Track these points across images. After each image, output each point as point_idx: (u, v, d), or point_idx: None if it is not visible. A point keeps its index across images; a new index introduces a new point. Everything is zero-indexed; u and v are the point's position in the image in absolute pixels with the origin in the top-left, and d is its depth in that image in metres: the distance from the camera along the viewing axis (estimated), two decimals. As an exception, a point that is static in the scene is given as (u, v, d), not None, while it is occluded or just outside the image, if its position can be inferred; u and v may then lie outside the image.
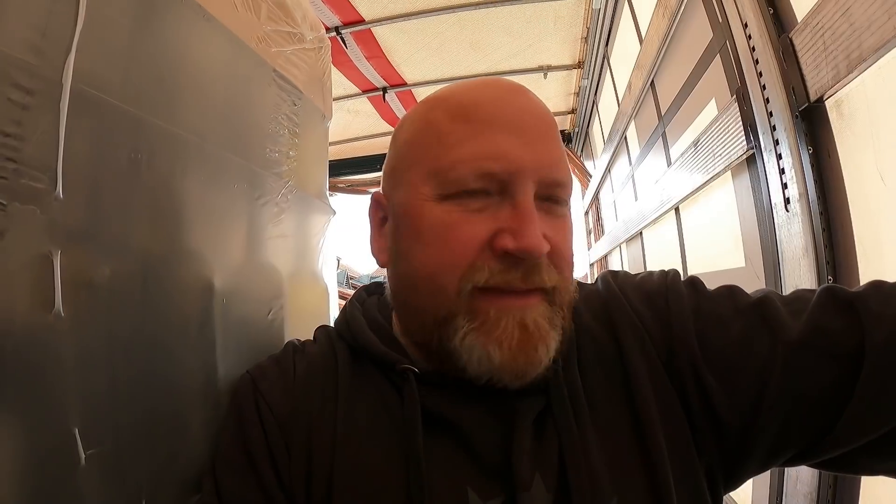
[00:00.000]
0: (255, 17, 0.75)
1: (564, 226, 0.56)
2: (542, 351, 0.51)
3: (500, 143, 0.52)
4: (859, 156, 0.92)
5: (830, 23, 0.88)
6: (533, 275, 0.51)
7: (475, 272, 0.51)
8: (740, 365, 0.54)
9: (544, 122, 0.56)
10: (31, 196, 0.41)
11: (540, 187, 0.53)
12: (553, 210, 0.55)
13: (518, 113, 0.54)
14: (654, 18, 1.91)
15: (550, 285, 0.53)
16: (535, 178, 0.52)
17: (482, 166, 0.52)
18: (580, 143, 4.40)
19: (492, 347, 0.51)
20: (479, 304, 0.51)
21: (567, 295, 0.56)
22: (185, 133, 0.60)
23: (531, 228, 0.50)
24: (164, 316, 0.56)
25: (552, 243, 0.52)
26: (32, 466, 0.41)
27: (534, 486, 0.51)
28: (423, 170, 0.55)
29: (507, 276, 0.51)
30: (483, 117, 0.54)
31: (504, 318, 0.51)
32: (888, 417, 0.48)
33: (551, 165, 0.53)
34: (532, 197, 0.52)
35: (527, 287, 0.51)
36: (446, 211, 0.53)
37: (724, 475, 0.56)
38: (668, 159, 2.02)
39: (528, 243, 0.49)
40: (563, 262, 0.55)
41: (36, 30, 0.42)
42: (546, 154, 0.53)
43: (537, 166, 0.52)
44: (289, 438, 0.56)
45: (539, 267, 0.52)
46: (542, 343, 0.51)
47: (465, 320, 0.52)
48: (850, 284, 0.54)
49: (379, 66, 3.09)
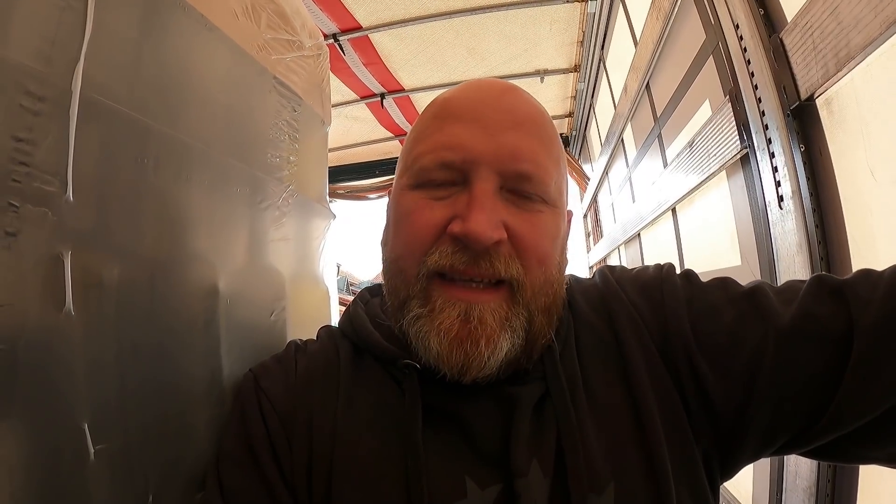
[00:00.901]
0: (256, 25, 0.77)
1: (535, 219, 0.55)
2: (484, 348, 0.51)
3: (458, 134, 0.54)
4: (850, 152, 0.93)
5: (819, 22, 0.89)
6: (482, 261, 0.51)
7: (429, 255, 0.53)
8: (733, 352, 0.55)
9: (512, 112, 0.56)
10: (43, 199, 0.42)
11: (504, 179, 0.54)
12: (522, 203, 0.55)
13: (485, 107, 0.56)
14: (648, 21, 1.92)
15: (507, 276, 0.52)
16: (494, 167, 0.53)
17: (440, 156, 0.54)
18: (578, 147, 4.41)
19: (432, 336, 0.52)
20: (431, 290, 0.53)
21: (540, 297, 0.55)
22: (189, 139, 0.61)
23: (478, 214, 0.51)
24: (171, 316, 0.58)
25: (515, 233, 0.53)
26: (44, 460, 0.42)
27: (531, 472, 0.52)
28: (404, 163, 0.59)
29: (455, 258, 0.52)
30: (451, 112, 0.56)
31: (448, 308, 0.52)
32: (879, 400, 0.49)
33: (514, 156, 0.54)
34: (490, 185, 0.53)
35: (476, 272, 0.52)
36: (414, 199, 0.56)
37: (719, 462, 0.57)
38: (664, 161, 2.03)
39: (471, 227, 0.50)
40: (528, 255, 0.54)
41: (46, 39, 0.44)
42: (509, 145, 0.54)
43: (496, 156, 0.53)
44: (290, 433, 0.57)
45: (491, 254, 0.52)
46: (486, 341, 0.51)
47: (417, 305, 0.54)
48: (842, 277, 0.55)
49: (377, 73, 3.10)
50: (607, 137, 3.03)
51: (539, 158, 0.55)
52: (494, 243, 0.51)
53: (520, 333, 0.53)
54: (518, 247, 0.53)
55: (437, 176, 0.55)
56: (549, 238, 0.56)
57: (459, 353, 0.51)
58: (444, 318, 0.52)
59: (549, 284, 0.56)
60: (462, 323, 0.51)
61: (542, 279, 0.55)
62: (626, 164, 2.75)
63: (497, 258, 0.52)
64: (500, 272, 0.52)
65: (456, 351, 0.51)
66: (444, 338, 0.51)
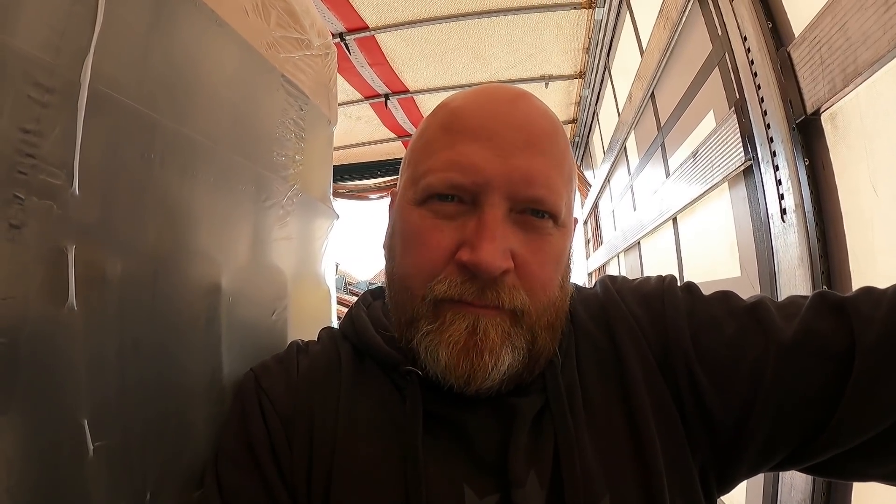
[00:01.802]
0: (265, 22, 0.77)
1: (543, 245, 0.54)
2: (488, 360, 0.51)
3: (470, 155, 0.52)
4: (853, 167, 0.93)
5: (827, 37, 0.89)
6: (488, 291, 0.51)
7: (438, 283, 0.52)
8: (733, 366, 0.55)
9: (528, 135, 0.54)
10: (49, 191, 0.42)
11: (516, 198, 0.52)
12: (532, 225, 0.54)
13: (498, 123, 0.54)
14: (655, 30, 1.92)
15: (511, 307, 0.52)
16: (505, 192, 0.52)
17: (449, 177, 0.53)
18: (580, 153, 4.42)
19: (441, 348, 0.52)
20: (440, 309, 0.53)
21: (544, 317, 0.54)
22: (196, 135, 0.61)
23: (487, 244, 0.50)
24: (173, 313, 0.57)
25: (521, 262, 0.52)
26: (42, 456, 0.41)
27: (528, 482, 0.52)
28: (410, 174, 0.58)
29: (463, 287, 0.51)
30: (462, 127, 0.54)
31: (457, 321, 0.52)
32: (878, 419, 0.49)
33: (527, 180, 0.52)
34: (500, 212, 0.52)
35: (482, 303, 0.51)
36: (421, 216, 0.54)
37: (716, 476, 0.57)
38: (666, 170, 2.03)
39: (479, 258, 0.49)
40: (534, 283, 0.53)
41: (56, 31, 0.43)
42: (521, 167, 0.52)
43: (508, 181, 0.52)
44: (291, 434, 0.57)
45: (496, 284, 0.51)
46: (490, 353, 0.51)
47: (426, 323, 0.53)
48: (843, 293, 0.55)
49: (382, 73, 3.10)
50: (610, 145, 3.04)
51: (552, 182, 0.54)
52: (501, 273, 0.51)
53: (522, 351, 0.53)
54: (523, 274, 0.53)
55: (445, 194, 0.54)
56: (555, 262, 0.56)
57: (466, 363, 0.51)
58: (454, 331, 0.52)
59: (553, 304, 0.55)
60: (469, 335, 0.51)
61: (545, 302, 0.54)
62: (629, 172, 2.76)
63: (503, 289, 0.51)
64: (505, 303, 0.52)
65: (463, 361, 0.51)
66: (453, 349, 0.51)
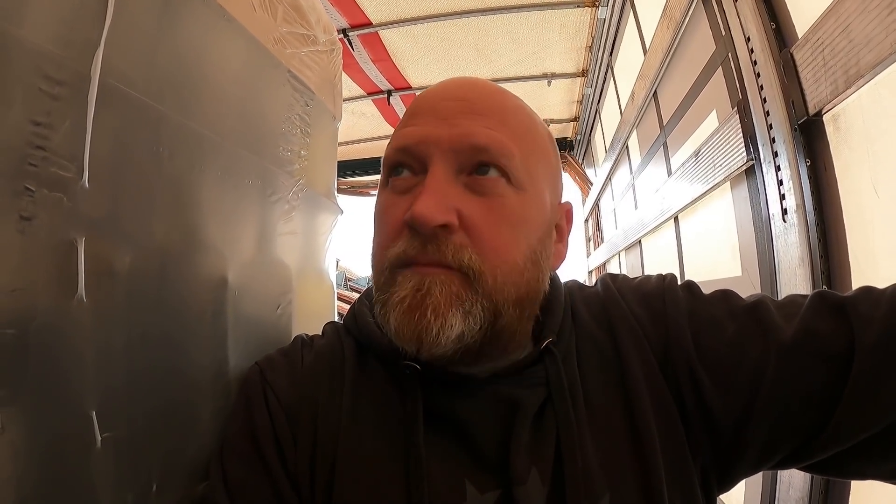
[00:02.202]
0: (272, 18, 0.77)
1: (494, 205, 0.53)
2: (432, 320, 0.49)
3: (416, 125, 0.55)
4: (854, 169, 0.94)
5: (830, 39, 0.90)
6: (429, 245, 0.50)
7: (392, 248, 0.53)
8: (734, 366, 0.55)
9: (471, 101, 0.55)
10: (59, 184, 0.42)
11: (460, 159, 0.53)
12: (480, 185, 0.53)
13: (444, 96, 0.56)
14: (658, 29, 1.92)
15: (457, 264, 0.50)
16: (448, 148, 0.52)
17: (398, 143, 0.55)
18: (582, 151, 4.42)
19: (391, 312, 0.52)
20: (394, 276, 0.53)
21: (508, 287, 0.53)
22: (204, 129, 0.62)
23: (425, 198, 0.50)
24: (180, 306, 0.58)
25: (468, 221, 0.51)
26: (50, 446, 0.42)
27: (530, 480, 0.52)
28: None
29: (408, 245, 0.51)
30: (415, 107, 0.58)
31: (405, 283, 0.51)
32: (878, 417, 0.49)
33: (467, 135, 0.53)
34: (442, 170, 0.52)
35: (426, 259, 0.51)
36: (384, 197, 0.57)
37: (717, 475, 0.57)
38: (668, 169, 2.03)
39: (414, 209, 0.49)
40: (484, 245, 0.51)
41: (66, 24, 0.43)
42: (462, 126, 0.53)
43: (449, 137, 0.53)
44: (295, 427, 0.57)
45: (438, 239, 0.50)
46: (434, 313, 0.50)
47: (382, 293, 0.54)
48: (843, 293, 0.55)
49: (385, 69, 3.10)
50: (612, 143, 3.04)
51: (495, 137, 0.53)
52: (442, 228, 0.50)
53: (477, 319, 0.51)
54: (472, 236, 0.51)
55: (398, 163, 0.55)
56: (511, 224, 0.54)
57: (411, 324, 0.50)
58: (401, 291, 0.51)
59: (518, 274, 0.54)
60: (414, 293, 0.50)
61: (506, 269, 0.52)
62: (630, 171, 2.76)
63: (445, 244, 0.50)
64: (448, 258, 0.50)
65: (408, 322, 0.50)
66: (399, 310, 0.51)
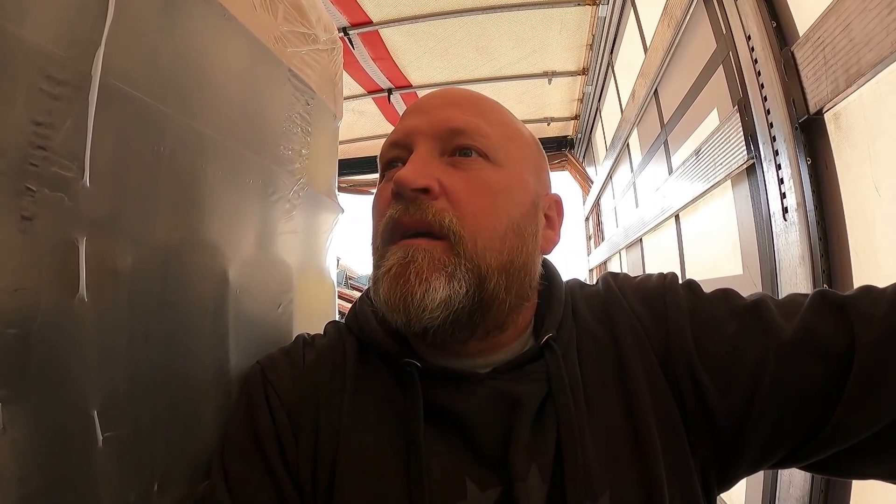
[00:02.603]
0: (273, 17, 0.77)
1: (473, 176, 0.57)
2: (416, 286, 0.52)
3: (403, 122, 0.62)
4: (855, 167, 0.94)
5: (831, 38, 0.90)
6: (412, 207, 0.54)
7: (382, 221, 0.57)
8: (734, 365, 0.55)
9: (451, 99, 0.62)
10: (60, 183, 0.42)
11: (442, 142, 0.58)
12: (462, 163, 0.57)
13: (429, 98, 0.63)
14: (658, 28, 1.92)
15: (439, 225, 0.54)
16: (430, 133, 0.58)
17: (389, 140, 0.62)
18: (583, 149, 4.42)
19: (381, 284, 0.55)
20: (385, 252, 0.56)
21: (491, 252, 0.55)
22: (205, 129, 0.62)
23: (406, 167, 0.55)
24: (182, 305, 0.58)
25: (449, 188, 0.55)
26: (52, 446, 0.42)
27: (530, 476, 0.52)
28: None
29: (393, 210, 0.56)
30: (402, 116, 0.64)
31: (392, 256, 0.54)
32: (878, 417, 0.49)
33: (446, 120, 0.58)
34: (425, 149, 0.58)
35: (409, 220, 0.54)
36: (381, 188, 0.61)
37: (716, 474, 0.58)
38: (669, 167, 2.03)
39: (397, 176, 0.54)
40: (464, 209, 0.55)
41: (67, 23, 0.43)
42: (442, 115, 0.59)
43: (430, 125, 0.59)
44: (296, 426, 0.58)
45: (421, 202, 0.54)
46: (417, 278, 0.52)
47: (376, 270, 0.57)
48: (843, 292, 0.55)
49: (385, 68, 3.10)
50: (613, 142, 3.04)
51: (471, 121, 0.59)
52: (424, 192, 0.54)
53: (463, 284, 0.53)
54: (453, 201, 0.55)
55: (389, 157, 0.61)
56: (490, 193, 0.57)
57: (398, 292, 0.53)
58: (389, 263, 0.54)
59: (499, 240, 0.56)
60: (400, 264, 0.53)
61: (487, 234, 0.55)
62: (631, 169, 2.76)
63: (427, 207, 0.54)
64: (428, 218, 0.54)
65: (394, 289, 0.53)
66: (386, 279, 0.54)
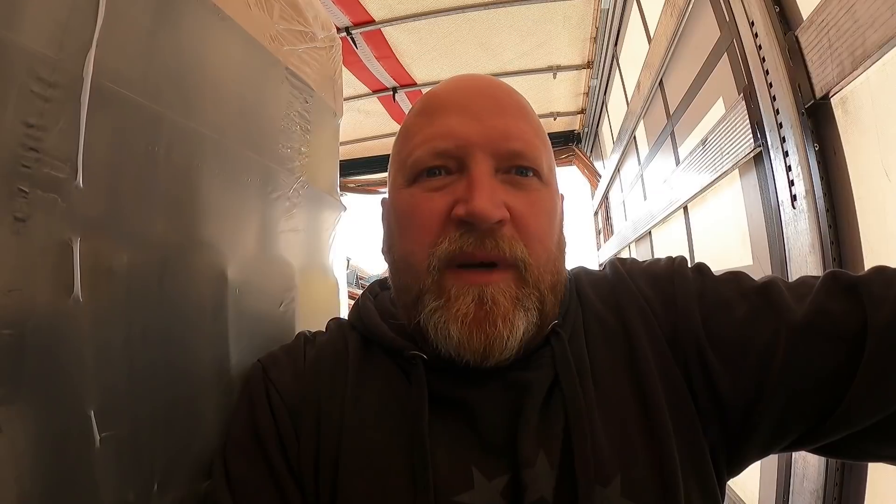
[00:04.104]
0: (268, 16, 0.77)
1: (534, 199, 0.56)
2: (503, 328, 0.52)
3: (449, 123, 0.56)
4: (864, 152, 0.92)
5: (835, 20, 0.88)
6: (487, 240, 0.52)
7: (438, 245, 0.53)
8: (744, 347, 0.55)
9: (498, 100, 0.58)
10: (53, 185, 0.42)
11: (498, 160, 0.55)
12: (519, 183, 0.56)
13: (469, 94, 0.58)
14: (662, 18, 1.91)
15: (512, 257, 0.53)
16: (487, 150, 0.54)
17: (434, 146, 0.55)
18: (590, 144, 4.39)
19: (451, 324, 0.52)
20: (444, 281, 0.53)
21: (546, 275, 0.55)
22: (201, 128, 0.62)
23: (479, 193, 0.52)
24: (180, 304, 0.58)
25: (515, 213, 0.54)
26: (49, 446, 0.42)
27: (538, 463, 0.51)
28: (397, 163, 0.60)
29: (463, 241, 0.52)
30: (437, 105, 0.58)
31: (463, 295, 0.52)
32: (890, 399, 0.48)
33: (504, 137, 0.55)
34: (486, 168, 0.54)
35: (483, 254, 0.52)
36: (411, 194, 0.57)
37: (726, 458, 0.57)
38: (676, 158, 2.02)
39: (474, 205, 0.51)
40: (530, 235, 0.54)
41: (58, 25, 0.44)
42: (498, 127, 0.55)
43: (488, 139, 0.55)
44: (298, 425, 0.57)
45: (495, 234, 0.52)
46: (503, 321, 0.52)
47: (432, 298, 0.54)
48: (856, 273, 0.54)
49: (389, 67, 3.10)
50: (619, 135, 3.02)
51: (528, 137, 0.57)
52: (498, 223, 0.52)
53: (534, 313, 0.54)
54: (519, 226, 0.54)
55: (432, 166, 0.56)
56: (547, 216, 0.58)
57: (480, 336, 0.52)
58: (461, 305, 0.52)
59: (552, 262, 0.57)
60: (478, 306, 0.52)
61: (545, 257, 0.55)
62: (638, 162, 2.74)
63: (501, 238, 0.53)
64: (506, 252, 0.53)
65: (476, 334, 0.52)
66: (463, 323, 0.52)
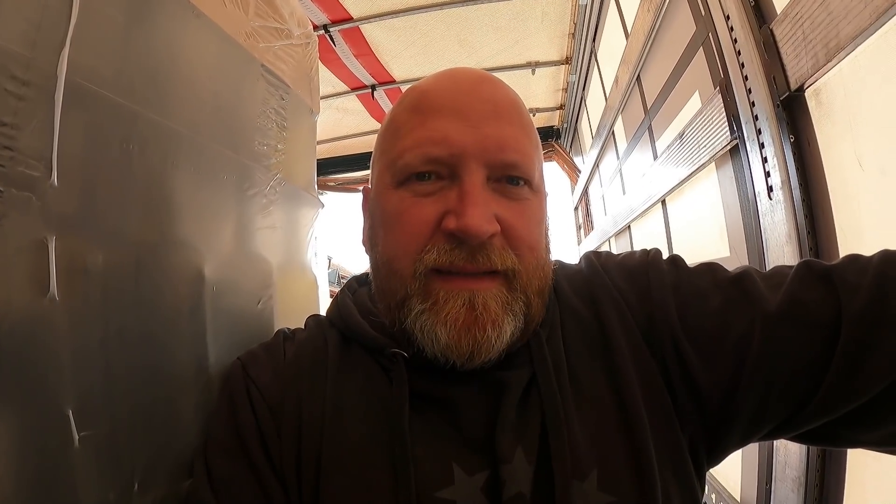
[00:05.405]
0: (243, 13, 0.76)
1: (524, 209, 0.56)
2: (491, 333, 0.52)
3: (443, 128, 0.54)
4: (838, 143, 0.94)
5: (809, 12, 0.89)
6: (478, 255, 0.52)
7: (426, 253, 0.53)
8: (719, 337, 0.55)
9: (495, 104, 0.56)
10: (27, 183, 0.42)
11: (491, 169, 0.54)
12: (510, 192, 0.55)
13: (465, 98, 0.56)
14: (639, 13, 1.92)
15: (503, 268, 0.53)
16: (481, 160, 0.53)
17: (426, 152, 0.54)
18: (569, 139, 4.41)
19: (439, 328, 0.52)
20: (432, 285, 0.53)
21: (534, 280, 0.56)
22: (176, 125, 0.61)
23: (472, 209, 0.51)
24: (157, 303, 0.57)
25: (506, 225, 0.54)
26: (27, 447, 0.41)
27: (515, 458, 0.52)
28: (385, 161, 0.59)
29: (453, 255, 0.52)
30: (431, 105, 0.56)
31: (452, 299, 0.52)
32: (866, 386, 0.49)
33: (500, 147, 0.54)
34: (479, 179, 0.53)
35: (474, 268, 0.52)
36: (400, 197, 0.56)
37: (706, 448, 0.57)
38: (654, 152, 2.03)
39: (466, 223, 0.51)
40: (520, 245, 0.54)
41: (31, 23, 0.43)
42: (494, 136, 0.54)
43: (482, 148, 0.53)
44: (279, 422, 0.57)
45: (486, 248, 0.52)
46: (492, 325, 0.52)
47: (418, 301, 0.54)
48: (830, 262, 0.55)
49: (367, 64, 3.08)
50: (598, 130, 3.04)
51: (522, 146, 0.56)
52: (489, 236, 0.52)
53: (520, 317, 0.54)
54: (510, 237, 0.54)
55: (422, 171, 0.55)
56: (537, 225, 0.57)
57: (468, 339, 0.52)
58: (450, 309, 0.52)
59: (541, 268, 0.57)
60: (468, 311, 0.52)
61: (534, 264, 0.55)
62: (617, 157, 2.76)
63: (492, 251, 0.52)
64: (497, 265, 0.52)
65: (465, 338, 0.52)
66: (452, 327, 0.52)
